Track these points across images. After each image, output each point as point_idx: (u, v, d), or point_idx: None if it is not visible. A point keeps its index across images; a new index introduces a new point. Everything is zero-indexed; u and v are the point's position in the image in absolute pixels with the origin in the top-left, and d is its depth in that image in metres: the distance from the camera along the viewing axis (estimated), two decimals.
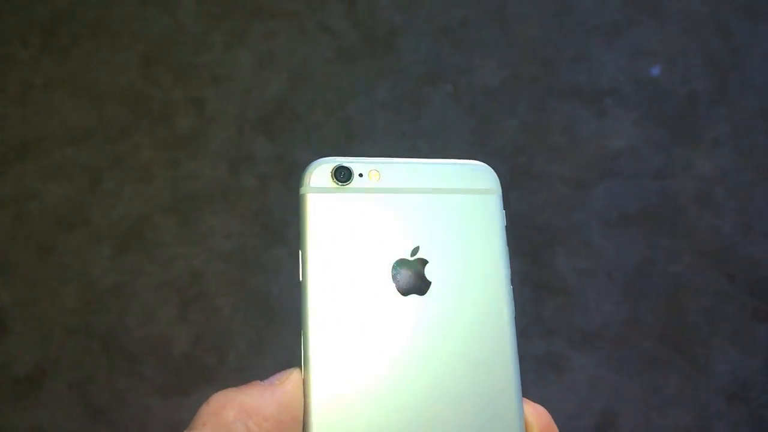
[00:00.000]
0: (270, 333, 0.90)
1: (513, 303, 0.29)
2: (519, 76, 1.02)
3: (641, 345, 0.91)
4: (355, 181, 0.28)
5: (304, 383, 0.26)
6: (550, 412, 0.28)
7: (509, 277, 0.29)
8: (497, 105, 1.01)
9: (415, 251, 0.28)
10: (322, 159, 0.29)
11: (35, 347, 0.88)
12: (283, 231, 0.93)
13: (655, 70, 1.04)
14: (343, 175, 0.28)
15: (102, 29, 1.01)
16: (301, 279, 0.27)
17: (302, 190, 0.28)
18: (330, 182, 0.28)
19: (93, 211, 0.93)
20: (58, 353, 0.88)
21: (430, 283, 0.28)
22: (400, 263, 0.28)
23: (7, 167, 0.94)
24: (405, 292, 0.28)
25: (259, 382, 0.26)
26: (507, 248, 0.29)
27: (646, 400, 0.89)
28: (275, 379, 0.26)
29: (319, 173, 0.28)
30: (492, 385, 0.27)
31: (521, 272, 0.93)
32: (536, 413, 0.27)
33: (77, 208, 0.93)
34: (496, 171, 0.30)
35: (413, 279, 0.28)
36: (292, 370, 0.27)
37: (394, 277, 0.28)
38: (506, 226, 0.30)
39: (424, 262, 0.28)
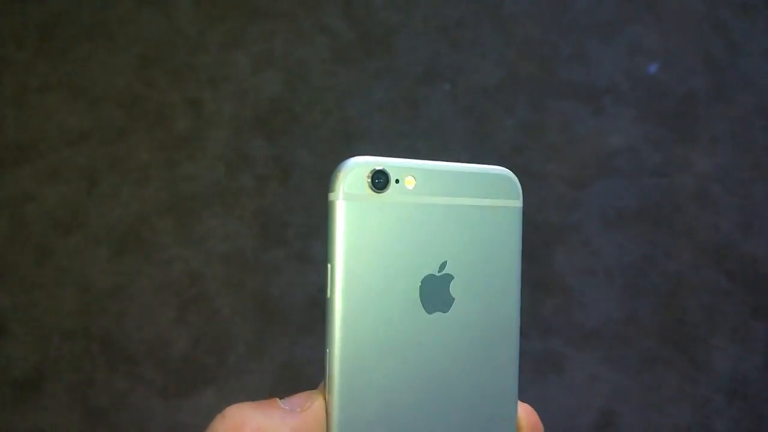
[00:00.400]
0: (269, 334, 0.89)
1: (520, 317, 0.29)
2: (516, 75, 1.02)
3: (640, 343, 0.91)
4: (391, 188, 0.26)
5: (328, 409, 0.25)
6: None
7: (520, 292, 0.29)
8: (495, 104, 1.01)
9: (442, 266, 0.27)
10: (355, 160, 0.26)
11: (34, 350, 0.88)
12: (281, 232, 0.93)
13: (653, 68, 1.03)
14: (380, 181, 0.26)
15: (98, 31, 1.00)
16: (329, 295, 0.25)
17: (333, 195, 0.25)
18: (365, 188, 0.26)
19: (90, 213, 0.93)
20: (57, 356, 0.87)
21: (453, 299, 0.27)
22: (429, 280, 0.27)
23: (4, 170, 0.94)
24: (431, 310, 0.27)
25: (278, 401, 0.25)
26: (521, 264, 0.29)
27: (645, 399, 0.89)
28: (297, 404, 0.25)
29: (355, 177, 0.26)
30: (496, 401, 0.28)
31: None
32: (525, 413, 0.28)
33: (75, 211, 0.93)
34: None
35: (440, 296, 0.27)
36: (314, 396, 0.25)
37: (422, 295, 0.27)
38: (522, 239, 0.29)
39: (450, 278, 0.27)
